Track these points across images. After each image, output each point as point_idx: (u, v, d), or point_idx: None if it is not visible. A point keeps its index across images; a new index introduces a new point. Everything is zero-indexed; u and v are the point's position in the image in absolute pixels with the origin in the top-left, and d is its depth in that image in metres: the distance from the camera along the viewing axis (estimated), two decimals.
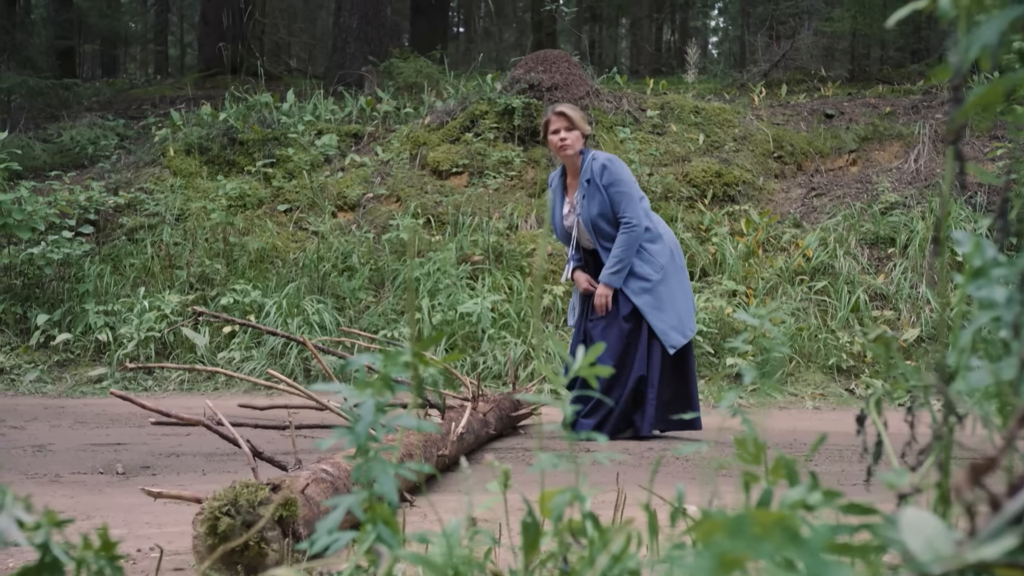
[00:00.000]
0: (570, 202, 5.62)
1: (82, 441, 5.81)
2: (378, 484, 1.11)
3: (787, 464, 0.97)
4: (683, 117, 10.53)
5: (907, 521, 0.82)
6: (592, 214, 5.46)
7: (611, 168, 5.50)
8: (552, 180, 5.82)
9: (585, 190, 5.48)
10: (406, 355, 1.09)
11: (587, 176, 5.49)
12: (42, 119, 13.45)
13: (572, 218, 5.58)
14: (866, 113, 10.87)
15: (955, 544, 0.77)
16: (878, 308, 8.29)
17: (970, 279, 1.04)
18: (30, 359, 8.33)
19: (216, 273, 9.01)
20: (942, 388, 0.99)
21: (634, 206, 5.44)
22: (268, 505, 2.72)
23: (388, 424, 1.12)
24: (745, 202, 9.60)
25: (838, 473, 4.88)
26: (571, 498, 1.09)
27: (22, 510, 1.14)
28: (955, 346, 1.18)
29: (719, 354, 7.91)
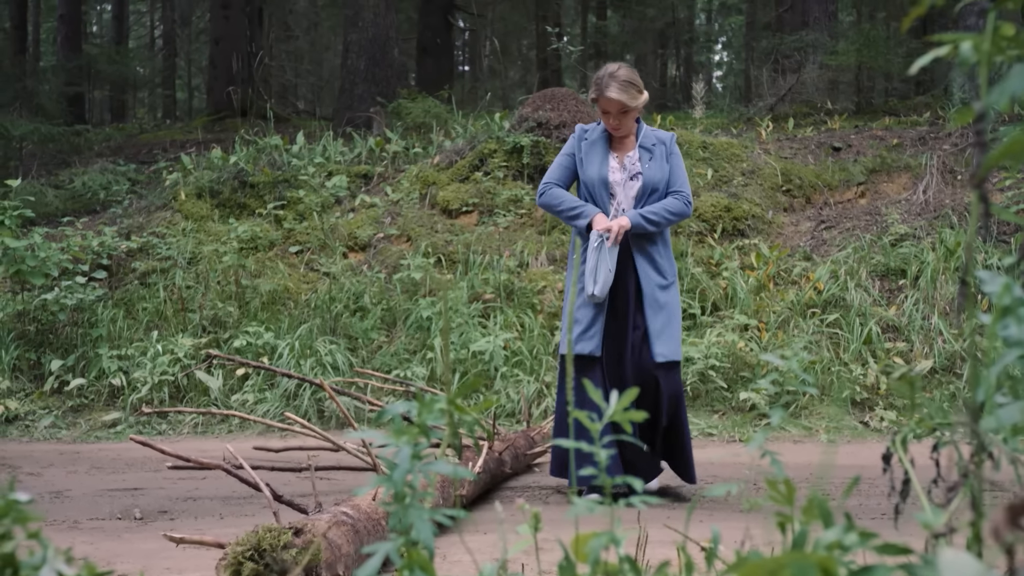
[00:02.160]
0: (619, 159, 5.19)
1: (99, 486, 5.82)
2: (415, 530, 1.12)
3: (821, 505, 0.98)
4: (691, 152, 10.58)
5: (946, 562, 0.83)
6: (657, 177, 5.09)
7: (676, 144, 5.27)
8: (588, 132, 5.32)
9: (653, 154, 5.15)
10: (441, 403, 1.11)
11: (652, 142, 5.18)
12: (54, 165, 13.56)
13: (621, 176, 5.15)
14: (873, 145, 10.91)
15: None
16: (890, 340, 8.28)
17: (998, 318, 1.06)
18: (44, 405, 8.35)
19: (228, 316, 9.04)
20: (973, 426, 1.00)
21: (689, 185, 5.20)
22: (291, 549, 2.73)
23: (423, 470, 1.13)
24: (755, 236, 9.62)
25: (856, 507, 4.86)
26: (607, 541, 1.10)
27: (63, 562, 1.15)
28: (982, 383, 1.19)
29: (732, 388, 7.90)
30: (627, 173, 5.15)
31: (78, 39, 20.80)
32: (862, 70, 13.69)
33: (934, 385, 7.79)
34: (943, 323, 8.21)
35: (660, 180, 5.10)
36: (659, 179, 5.10)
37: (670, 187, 5.12)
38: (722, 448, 7.07)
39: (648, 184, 5.08)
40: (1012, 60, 1.06)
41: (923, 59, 1.03)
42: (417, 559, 1.12)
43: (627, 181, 5.13)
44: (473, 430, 1.13)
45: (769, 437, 7.19)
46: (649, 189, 5.08)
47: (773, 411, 1.22)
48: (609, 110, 5.08)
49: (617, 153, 5.22)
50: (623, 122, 5.12)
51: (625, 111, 5.08)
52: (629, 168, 5.16)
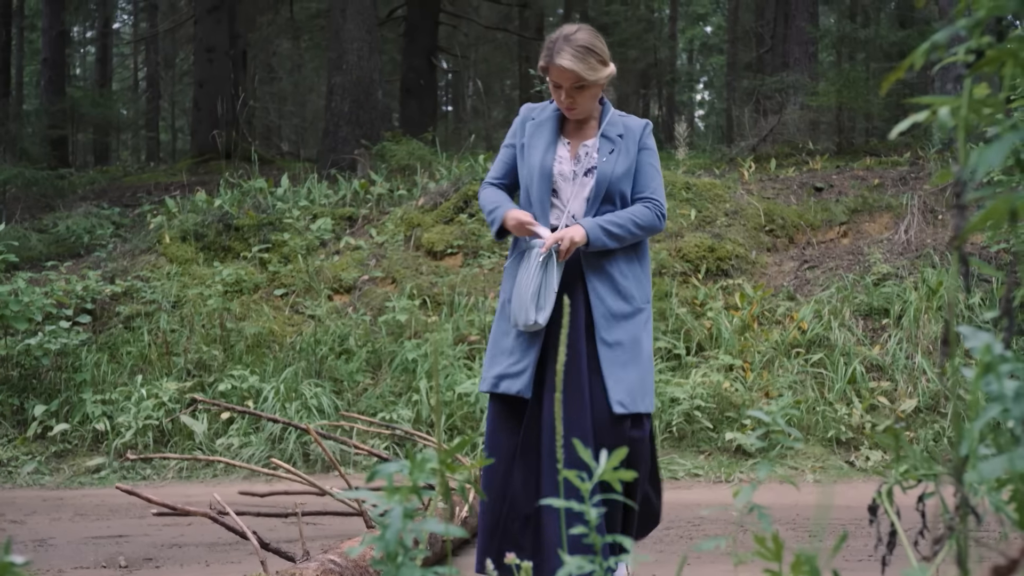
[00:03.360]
0: (572, 148, 4.02)
1: (83, 534, 5.78)
2: None
3: (810, 562, 1.00)
4: (674, 193, 10.64)
5: None
6: (618, 172, 3.92)
7: (652, 134, 4.11)
8: (536, 111, 4.16)
9: (615, 145, 3.97)
10: (433, 463, 1.12)
11: (619, 131, 4.00)
12: (37, 209, 13.54)
13: (571, 168, 3.98)
14: (855, 185, 11.00)
15: None
16: (875, 379, 8.32)
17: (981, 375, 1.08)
18: (27, 451, 8.30)
19: (213, 359, 9.02)
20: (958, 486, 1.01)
21: (663, 192, 4.04)
22: None
23: (416, 530, 1.14)
24: (739, 276, 9.67)
25: (841, 549, 4.86)
26: None
27: None
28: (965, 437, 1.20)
29: (718, 429, 7.91)
30: (581, 166, 3.98)
31: (62, 82, 20.84)
32: (843, 111, 13.82)
33: (918, 424, 7.82)
34: (927, 362, 8.25)
35: (621, 179, 3.93)
36: (619, 177, 3.93)
37: (638, 191, 3.97)
38: (708, 490, 7.07)
39: (603, 182, 3.90)
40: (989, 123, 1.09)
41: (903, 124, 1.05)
42: None
43: (579, 177, 3.96)
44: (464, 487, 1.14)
45: (754, 478, 7.20)
46: (604, 189, 3.90)
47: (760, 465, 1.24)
48: (560, 83, 3.88)
49: (570, 140, 4.05)
50: (579, 100, 3.92)
51: (581, 86, 3.87)
52: (583, 160, 3.98)
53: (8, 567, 1.07)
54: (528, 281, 3.79)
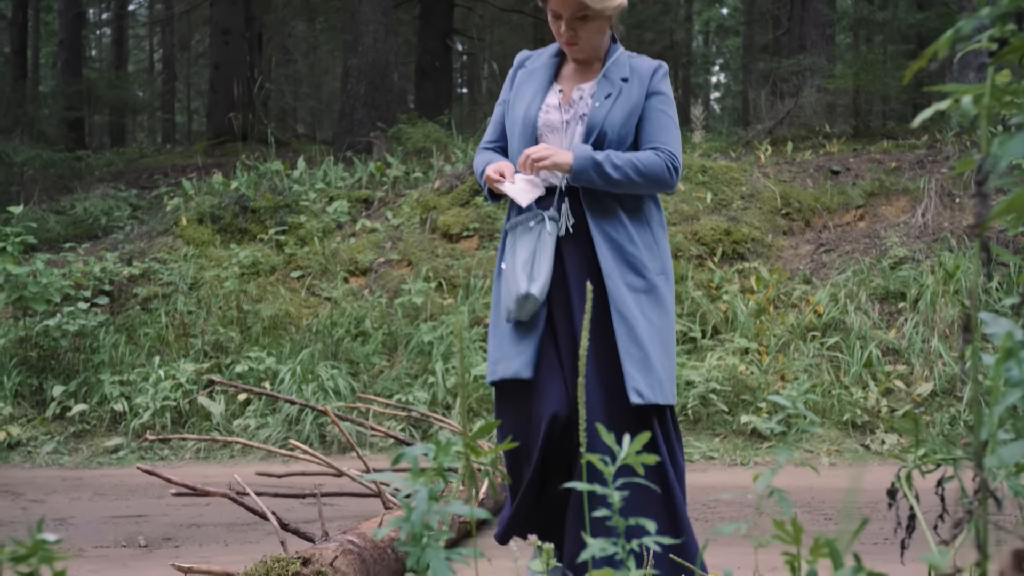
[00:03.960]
0: (565, 95, 3.47)
1: (102, 513, 5.83)
2: (432, 571, 1.14)
3: (830, 545, 1.01)
4: (690, 176, 10.62)
5: None
6: (614, 120, 3.35)
7: (666, 78, 3.52)
8: (529, 60, 3.67)
9: (615, 88, 3.39)
10: (458, 445, 1.13)
11: (624, 73, 3.43)
12: (55, 191, 13.61)
13: (559, 117, 3.43)
14: (872, 168, 10.96)
15: None
16: (891, 363, 8.31)
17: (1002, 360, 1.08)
18: (46, 431, 8.36)
19: (230, 341, 9.07)
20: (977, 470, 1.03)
21: (679, 146, 3.43)
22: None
23: (440, 512, 1.16)
24: (755, 259, 9.65)
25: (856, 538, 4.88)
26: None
27: None
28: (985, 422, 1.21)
29: (733, 412, 7.92)
30: (571, 113, 3.43)
31: (78, 64, 20.88)
32: (860, 93, 13.76)
33: (934, 408, 7.81)
34: (943, 346, 8.24)
35: (619, 128, 3.35)
36: (616, 125, 3.35)
37: (646, 141, 3.40)
38: (723, 472, 7.08)
39: (593, 129, 3.34)
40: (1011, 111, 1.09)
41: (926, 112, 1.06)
42: None
43: (570, 126, 3.41)
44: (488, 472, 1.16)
45: (769, 461, 7.20)
46: (594, 138, 3.33)
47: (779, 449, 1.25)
48: (560, 12, 3.35)
49: (563, 86, 3.51)
50: (581, 34, 3.38)
51: (584, 16, 3.33)
52: (577, 105, 3.43)
53: (40, 544, 1.09)
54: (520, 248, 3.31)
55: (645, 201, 3.44)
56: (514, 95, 3.54)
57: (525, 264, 3.25)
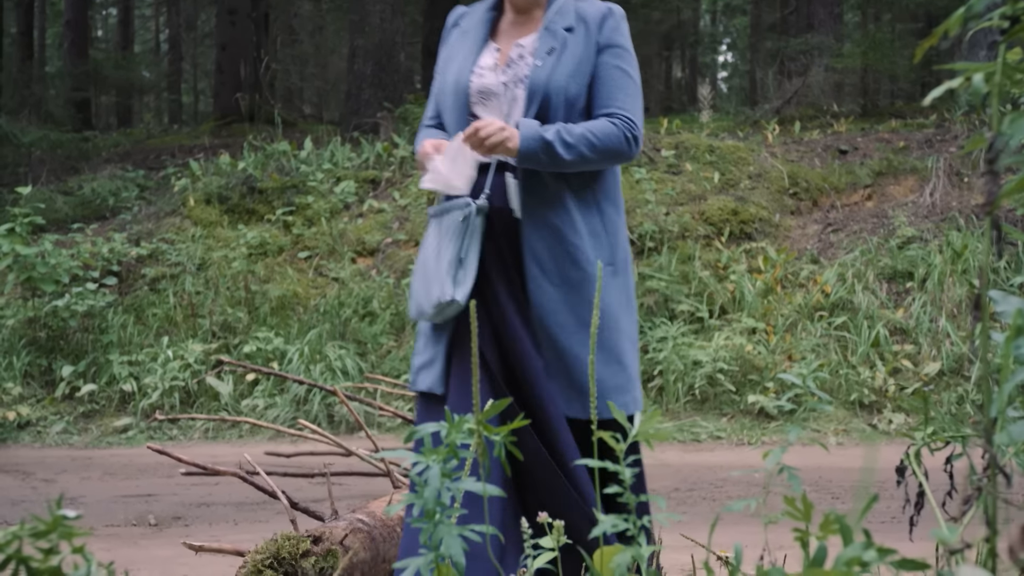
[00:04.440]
0: (502, 54, 2.91)
1: (112, 493, 5.87)
2: (445, 546, 1.15)
3: (840, 521, 1.02)
4: (698, 156, 10.61)
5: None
6: (559, 79, 2.78)
7: (621, 25, 2.88)
8: (464, 18, 3.12)
9: (559, 41, 2.83)
10: (470, 423, 1.14)
11: (568, 22, 2.85)
12: (62, 172, 13.61)
13: (497, 79, 2.86)
14: (880, 148, 10.93)
15: None
16: (898, 343, 8.31)
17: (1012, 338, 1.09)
18: (56, 411, 8.40)
19: (238, 321, 9.09)
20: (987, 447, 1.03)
21: (640, 109, 2.86)
22: (310, 557, 2.76)
23: (453, 488, 1.17)
24: (762, 239, 9.64)
25: None
26: (631, 557, 1.13)
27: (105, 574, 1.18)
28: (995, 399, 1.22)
29: (740, 392, 7.93)
30: (510, 75, 2.86)
31: (84, 44, 20.83)
32: (868, 72, 13.71)
33: (942, 388, 7.81)
34: (951, 326, 8.24)
35: (565, 87, 2.78)
36: (562, 85, 2.78)
37: (601, 105, 2.82)
38: (730, 452, 7.10)
39: (536, 93, 2.78)
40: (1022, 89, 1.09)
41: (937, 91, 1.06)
42: (447, 574, 1.15)
43: (510, 89, 2.84)
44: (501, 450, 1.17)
45: (776, 441, 7.22)
46: (538, 105, 2.77)
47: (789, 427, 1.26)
48: None
49: (501, 43, 2.94)
50: None
51: None
52: (516, 66, 2.86)
53: (59, 520, 1.10)
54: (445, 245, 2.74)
55: (597, 174, 2.85)
56: (445, 59, 2.99)
57: (451, 265, 2.70)
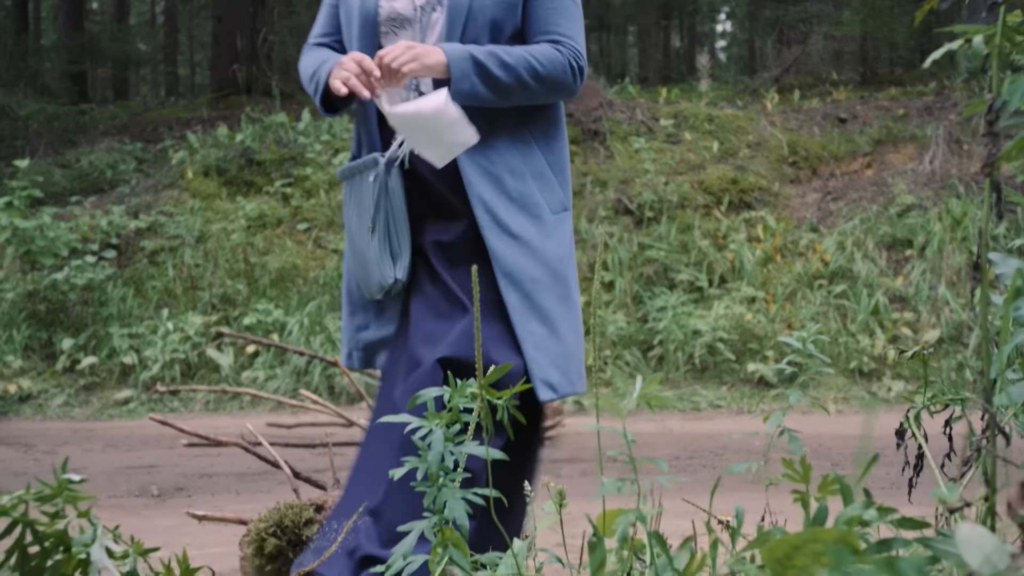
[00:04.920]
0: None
1: (115, 464, 5.89)
2: (449, 509, 1.16)
3: (840, 481, 1.02)
4: (697, 125, 10.58)
5: (962, 536, 0.87)
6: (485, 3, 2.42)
7: None
8: None
9: None
10: (473, 387, 1.15)
11: None
12: (59, 145, 13.58)
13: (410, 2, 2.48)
14: (879, 116, 10.91)
15: (1011, 558, 0.82)
16: (897, 310, 8.32)
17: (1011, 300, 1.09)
18: (56, 383, 8.42)
19: (238, 293, 9.09)
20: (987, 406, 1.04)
21: (583, 37, 2.52)
22: (312, 525, 2.78)
23: (456, 452, 1.18)
24: (761, 208, 9.64)
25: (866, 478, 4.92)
26: (633, 518, 1.14)
27: (111, 540, 1.19)
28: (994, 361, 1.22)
29: (740, 360, 7.94)
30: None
31: (80, 17, 20.70)
32: (867, 40, 13.65)
33: (941, 355, 7.83)
34: (950, 293, 8.24)
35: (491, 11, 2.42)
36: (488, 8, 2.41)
37: (536, 31, 2.47)
38: (730, 420, 7.13)
39: (456, 17, 2.41)
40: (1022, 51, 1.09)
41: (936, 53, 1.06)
42: (451, 537, 1.16)
43: (426, 14, 2.46)
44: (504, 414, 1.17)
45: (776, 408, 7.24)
46: (460, 31, 2.42)
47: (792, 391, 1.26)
48: None
49: None
50: None
51: None
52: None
53: (65, 484, 1.11)
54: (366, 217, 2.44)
55: (533, 110, 2.48)
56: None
57: (382, 244, 2.40)
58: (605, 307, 8.45)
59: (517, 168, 2.44)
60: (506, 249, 2.39)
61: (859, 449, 0.93)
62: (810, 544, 0.92)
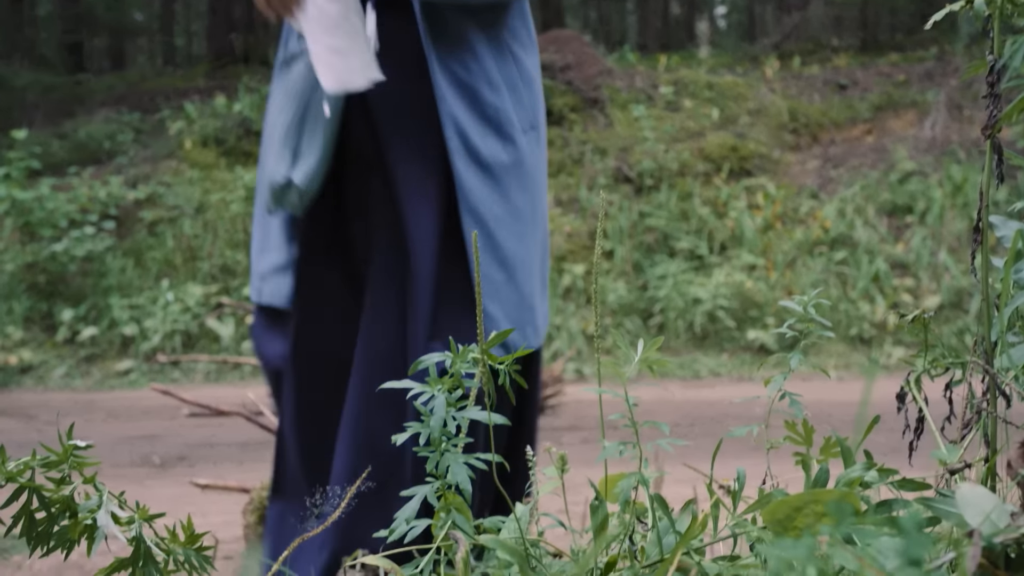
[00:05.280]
0: None
1: (117, 434, 5.91)
2: (451, 474, 1.17)
3: (841, 444, 1.03)
4: (697, 93, 10.54)
5: (963, 496, 0.88)
6: None
7: None
8: None
9: None
10: (475, 351, 1.15)
11: None
12: (57, 115, 13.54)
13: None
14: (880, 82, 10.87)
15: (1011, 516, 0.83)
16: (898, 277, 8.32)
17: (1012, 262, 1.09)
18: (57, 355, 8.43)
19: (237, 264, 9.09)
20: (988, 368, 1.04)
21: None
22: None
23: (458, 416, 1.18)
24: (761, 175, 9.62)
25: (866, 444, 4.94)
26: (635, 482, 1.15)
27: (116, 506, 1.20)
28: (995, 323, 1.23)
29: (740, 327, 7.95)
30: None
31: None
32: (868, 5, 13.58)
33: (942, 321, 7.84)
34: (951, 259, 8.24)
35: None
36: None
37: None
38: (730, 387, 7.14)
39: None
40: None
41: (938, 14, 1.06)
42: (454, 502, 1.17)
43: None
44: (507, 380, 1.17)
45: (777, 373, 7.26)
46: None
47: (792, 354, 1.26)
48: None
49: None
50: None
51: None
52: None
53: (71, 450, 1.11)
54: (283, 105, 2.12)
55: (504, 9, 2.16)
56: None
57: (288, 132, 2.07)
58: (605, 275, 8.45)
59: (494, 79, 2.09)
60: (474, 180, 2.04)
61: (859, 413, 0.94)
62: (811, 505, 0.93)
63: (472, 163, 2.04)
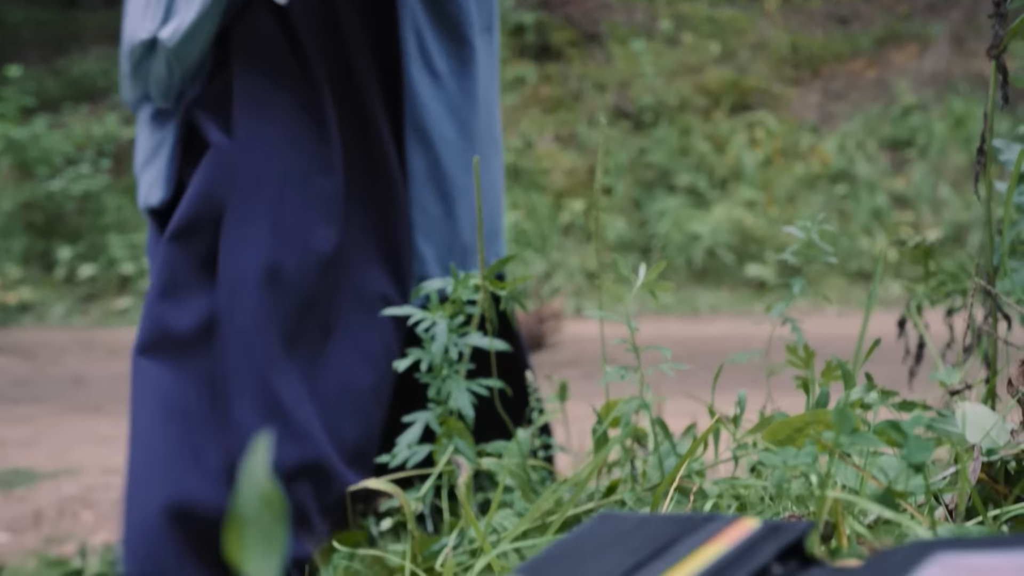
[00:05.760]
0: None
1: (117, 371, 5.92)
2: (453, 400, 1.17)
3: (842, 367, 1.03)
4: (697, 27, 10.44)
5: (964, 414, 0.88)
6: None
7: None
8: None
9: None
10: (476, 278, 1.15)
11: None
12: (50, 52, 13.41)
13: None
14: (882, 15, 10.75)
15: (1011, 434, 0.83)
16: (898, 211, 8.31)
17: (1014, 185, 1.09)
18: (56, 293, 8.43)
19: None
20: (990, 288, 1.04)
21: None
22: None
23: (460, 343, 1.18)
24: (762, 110, 9.56)
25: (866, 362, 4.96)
26: (636, 406, 1.15)
27: None
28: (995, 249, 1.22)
29: (740, 263, 7.95)
30: None
31: None
32: None
33: (943, 255, 7.84)
34: (952, 193, 8.22)
35: None
36: None
37: None
38: (730, 323, 7.15)
39: None
40: None
41: None
42: (455, 427, 1.17)
43: None
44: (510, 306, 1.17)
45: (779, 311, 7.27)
46: None
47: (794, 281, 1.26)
48: None
49: None
50: None
51: None
52: None
53: None
54: None
55: None
56: None
57: None
58: (604, 212, 8.43)
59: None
60: (426, 90, 1.80)
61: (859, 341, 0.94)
62: (812, 426, 0.93)
63: (425, 68, 1.80)
